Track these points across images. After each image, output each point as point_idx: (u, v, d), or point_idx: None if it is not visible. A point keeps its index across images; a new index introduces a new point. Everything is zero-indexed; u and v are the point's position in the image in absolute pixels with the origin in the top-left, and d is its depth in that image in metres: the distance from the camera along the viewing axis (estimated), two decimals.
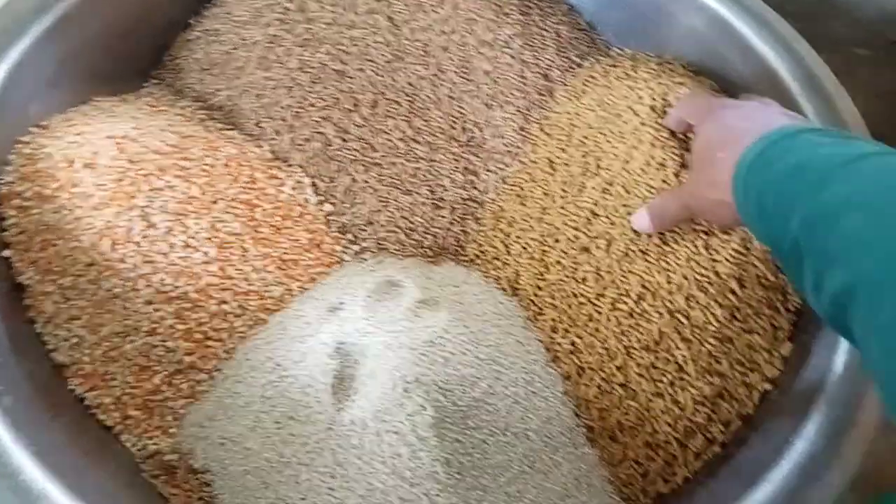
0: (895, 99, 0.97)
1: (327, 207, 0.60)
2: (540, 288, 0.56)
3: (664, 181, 0.54)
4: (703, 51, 0.66)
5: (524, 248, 0.58)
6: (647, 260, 0.53)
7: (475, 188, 0.63)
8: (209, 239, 0.52)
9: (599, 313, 0.53)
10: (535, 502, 0.46)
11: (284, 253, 0.55)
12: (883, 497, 0.57)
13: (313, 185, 0.60)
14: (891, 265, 0.30)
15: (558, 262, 0.56)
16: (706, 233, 0.52)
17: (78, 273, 0.50)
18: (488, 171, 0.64)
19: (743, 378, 0.51)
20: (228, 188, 0.55)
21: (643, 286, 0.52)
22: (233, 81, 0.64)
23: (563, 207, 0.58)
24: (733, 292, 0.51)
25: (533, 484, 0.46)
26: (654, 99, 0.59)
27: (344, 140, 0.61)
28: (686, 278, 0.51)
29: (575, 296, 0.54)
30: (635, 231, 0.54)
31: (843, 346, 0.46)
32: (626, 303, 0.52)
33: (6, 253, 0.51)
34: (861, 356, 0.33)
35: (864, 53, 0.94)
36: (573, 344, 0.53)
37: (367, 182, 0.61)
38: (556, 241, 0.57)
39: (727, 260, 0.51)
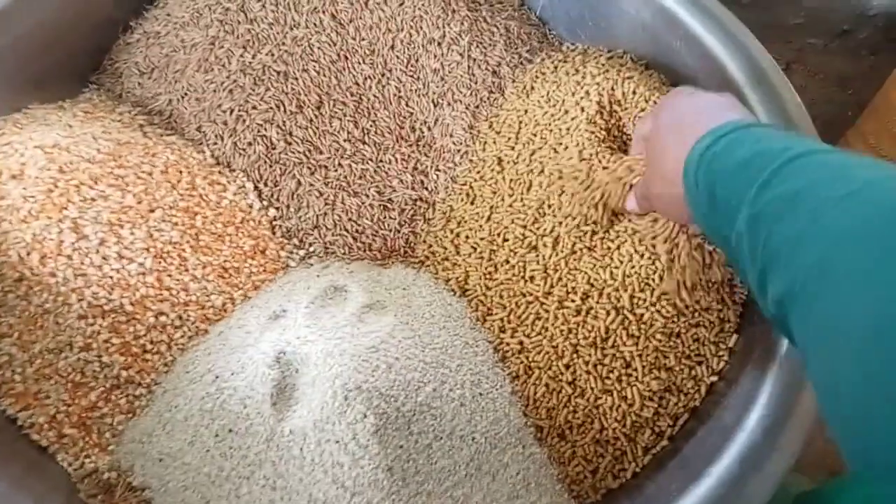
0: (846, 87, 0.99)
1: (272, 212, 0.59)
2: (489, 288, 0.55)
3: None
4: (652, 43, 0.66)
5: (473, 248, 0.58)
6: (593, 256, 0.52)
7: (425, 188, 0.63)
8: (145, 249, 0.51)
9: (547, 311, 0.52)
10: None
11: (226, 261, 0.54)
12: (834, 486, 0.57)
13: (257, 189, 0.59)
14: (823, 271, 0.29)
15: (507, 262, 0.55)
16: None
17: (6, 289, 0.48)
18: (438, 170, 0.63)
19: (690, 371, 0.51)
20: (166, 195, 0.54)
21: (589, 283, 0.52)
22: (173, 85, 0.63)
23: (511, 206, 0.58)
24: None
25: (479, 487, 0.46)
26: (600, 94, 0.59)
27: (288, 143, 0.60)
28: (630, 275, 0.51)
29: (523, 295, 0.54)
30: (582, 228, 0.53)
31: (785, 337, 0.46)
32: (573, 300, 0.52)
33: None
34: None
35: (816, 42, 0.95)
36: (521, 343, 0.52)
37: (312, 185, 0.60)
38: (505, 240, 0.56)
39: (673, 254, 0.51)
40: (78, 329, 0.48)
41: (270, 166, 0.60)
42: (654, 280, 0.50)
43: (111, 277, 0.49)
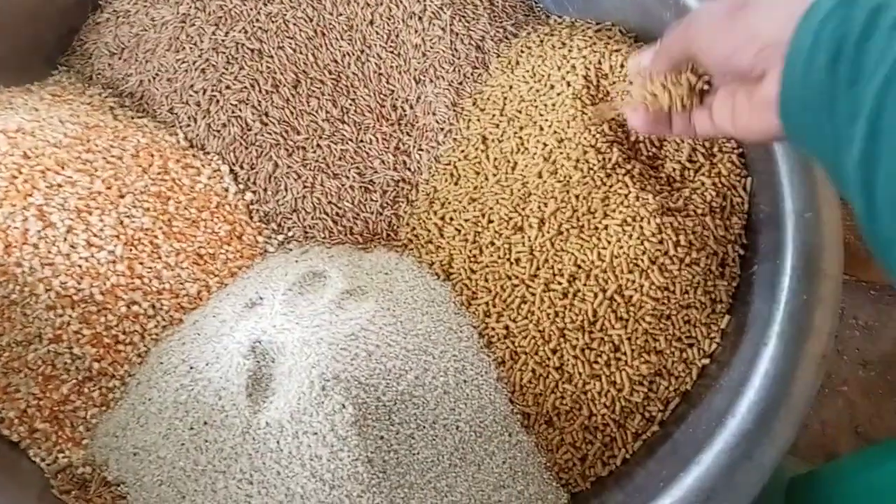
0: None
1: (248, 196, 0.57)
2: (473, 271, 0.54)
3: (597, 153, 0.52)
4: (642, 16, 0.63)
5: (458, 230, 0.56)
6: (580, 237, 0.51)
7: (407, 168, 0.61)
8: (115, 236, 0.49)
9: (533, 295, 0.51)
10: (468, 495, 0.44)
11: (200, 247, 0.52)
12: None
13: (232, 172, 0.57)
14: None
15: (492, 243, 0.54)
16: (640, 207, 0.50)
17: None
18: (420, 150, 0.61)
19: (681, 354, 0.49)
20: (137, 180, 0.52)
21: (576, 265, 0.50)
22: (143, 65, 0.60)
23: (495, 186, 0.56)
24: (668, 268, 0.49)
25: (464, 477, 0.45)
26: (587, 68, 0.57)
27: (264, 124, 0.58)
28: (618, 256, 0.49)
29: (508, 277, 0.52)
30: (571, 208, 0.51)
31: (778, 318, 0.45)
32: (559, 283, 0.50)
33: None
34: None
35: None
36: (507, 328, 0.51)
37: (290, 167, 0.58)
38: (490, 221, 0.55)
39: (662, 234, 0.50)
40: (47, 320, 0.46)
41: (246, 148, 0.57)
42: (642, 261, 0.49)
43: (80, 266, 0.47)
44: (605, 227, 0.50)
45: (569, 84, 0.56)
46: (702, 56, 0.38)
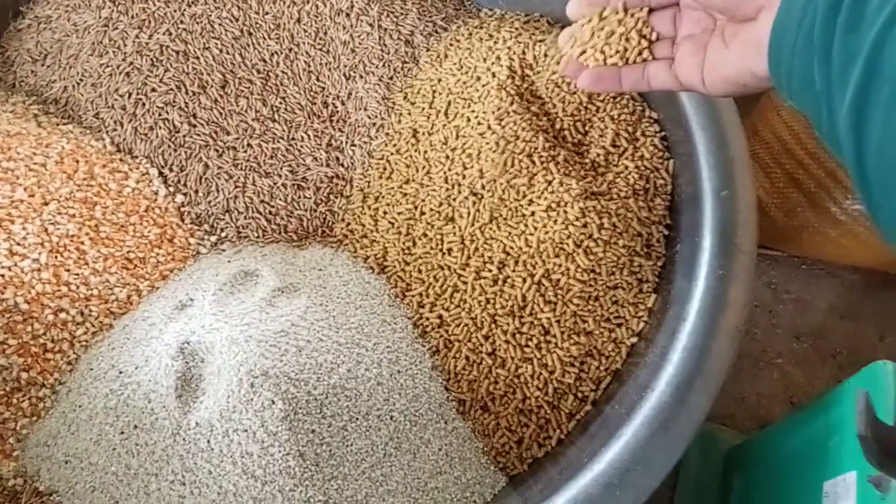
0: None
1: (179, 198, 0.56)
2: (407, 263, 0.54)
3: (522, 141, 0.53)
4: None
5: (391, 223, 0.56)
6: (508, 224, 0.52)
7: (340, 165, 0.61)
8: (40, 244, 0.48)
9: (465, 283, 0.51)
10: (404, 483, 0.45)
11: (130, 251, 0.52)
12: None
13: (162, 175, 0.57)
14: None
15: (424, 235, 0.54)
16: (564, 192, 0.51)
17: None
18: (353, 145, 0.61)
19: (611, 334, 0.51)
20: (62, 187, 0.51)
21: (505, 252, 0.51)
22: (67, 71, 0.60)
23: (426, 178, 0.56)
24: (593, 251, 0.50)
25: (399, 465, 0.45)
26: (511, 59, 0.57)
27: (192, 125, 0.58)
28: (544, 241, 0.50)
29: (441, 268, 0.53)
30: (498, 197, 0.52)
31: (696, 294, 0.46)
32: (489, 270, 0.51)
33: None
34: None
35: None
36: (440, 317, 0.51)
37: (221, 168, 0.58)
38: (422, 213, 0.55)
39: (586, 218, 0.51)
40: None
41: (175, 150, 0.57)
42: (568, 245, 0.50)
43: (2, 276, 0.47)
44: (532, 214, 0.51)
45: (494, 75, 0.57)
46: None
